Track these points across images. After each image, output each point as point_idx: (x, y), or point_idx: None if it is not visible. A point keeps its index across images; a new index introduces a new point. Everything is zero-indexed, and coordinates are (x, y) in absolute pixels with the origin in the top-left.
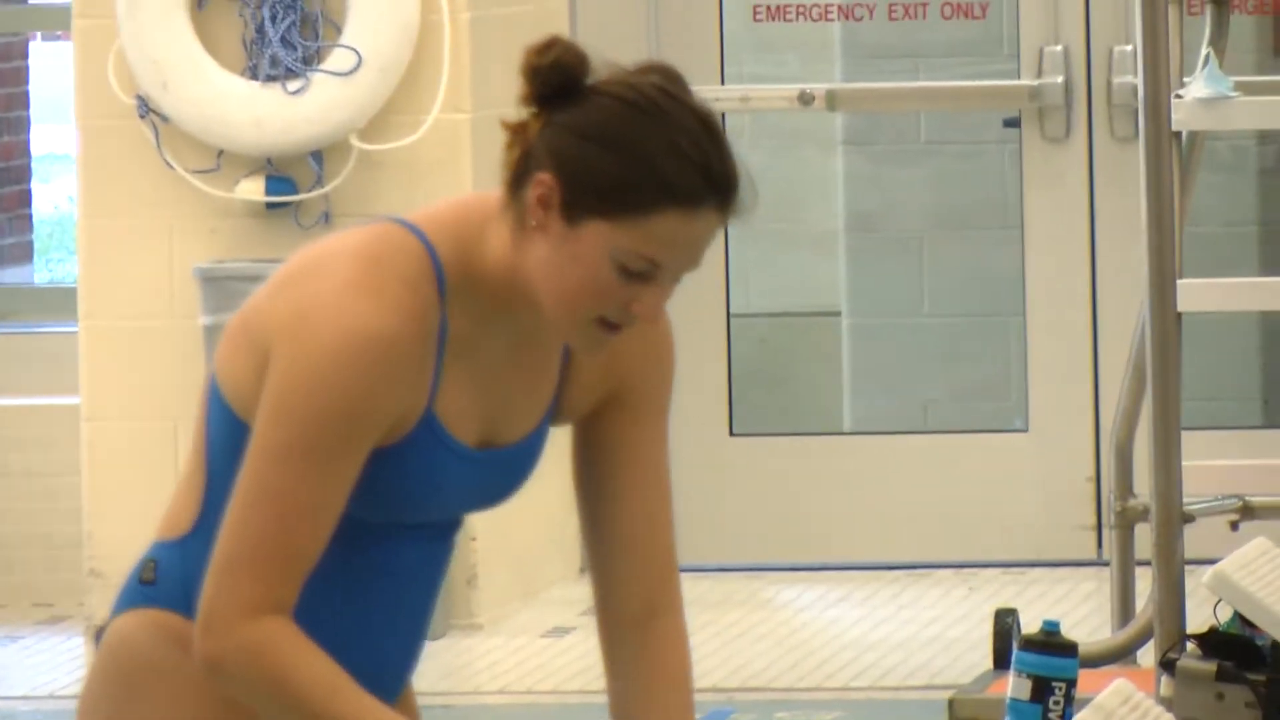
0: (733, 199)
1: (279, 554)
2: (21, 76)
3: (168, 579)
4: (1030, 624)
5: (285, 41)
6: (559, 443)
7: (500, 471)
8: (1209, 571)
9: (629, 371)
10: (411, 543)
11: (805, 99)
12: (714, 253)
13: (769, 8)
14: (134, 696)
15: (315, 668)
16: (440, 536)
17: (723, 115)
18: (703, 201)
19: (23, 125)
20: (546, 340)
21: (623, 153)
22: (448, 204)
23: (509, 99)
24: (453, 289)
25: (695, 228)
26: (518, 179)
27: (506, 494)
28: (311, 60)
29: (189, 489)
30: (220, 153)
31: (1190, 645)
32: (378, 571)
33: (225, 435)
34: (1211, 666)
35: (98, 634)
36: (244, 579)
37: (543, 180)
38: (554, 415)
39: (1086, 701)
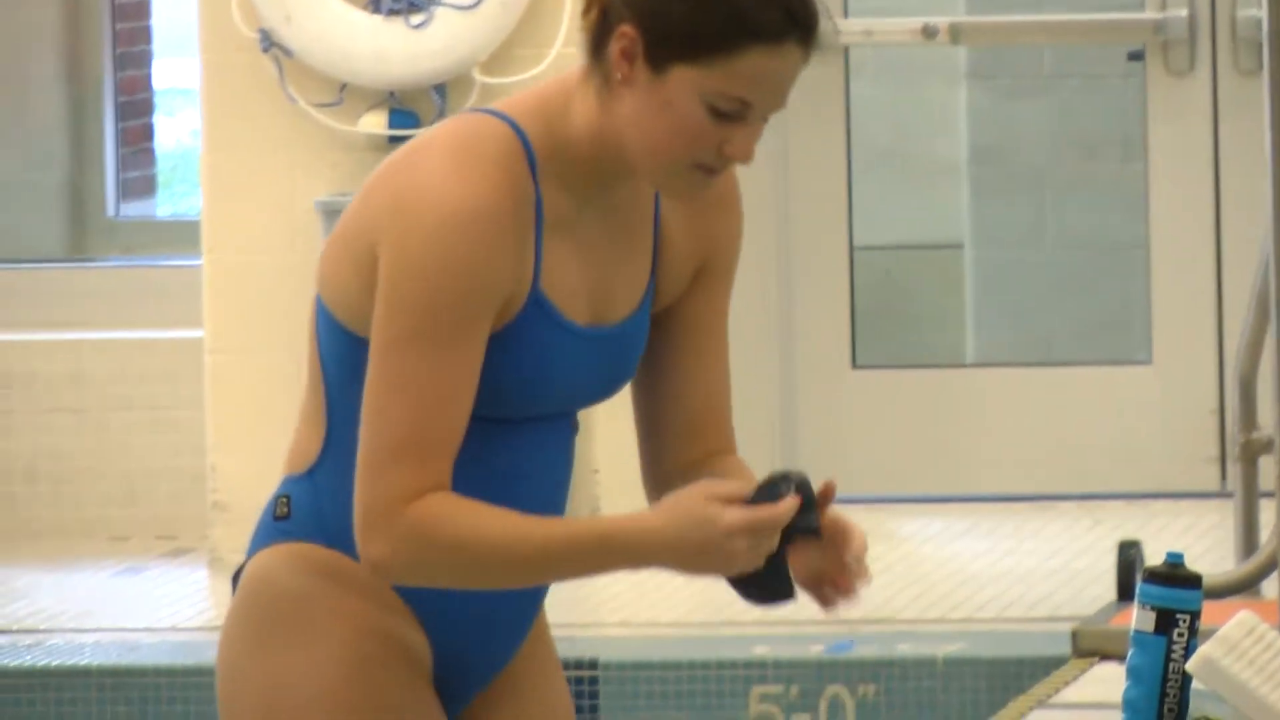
0: (814, 33)
1: (423, 439)
2: (144, 11)
3: (301, 512)
4: (1154, 556)
5: None
6: None
7: (611, 351)
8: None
9: (714, 243)
10: (533, 441)
11: (929, 32)
12: (837, 185)
13: None
14: (280, 628)
15: (490, 517)
16: (561, 433)
17: (846, 49)
18: (786, 36)
19: (146, 59)
20: (640, 215)
21: None
22: (531, 89)
23: None
24: (544, 165)
25: (781, 64)
26: (598, 40)
27: (619, 378)
28: None
29: (310, 420)
30: (343, 86)
31: None
32: (504, 476)
33: (340, 356)
34: None
35: (235, 575)
36: (392, 470)
37: (625, 33)
38: (653, 297)
39: (1210, 633)
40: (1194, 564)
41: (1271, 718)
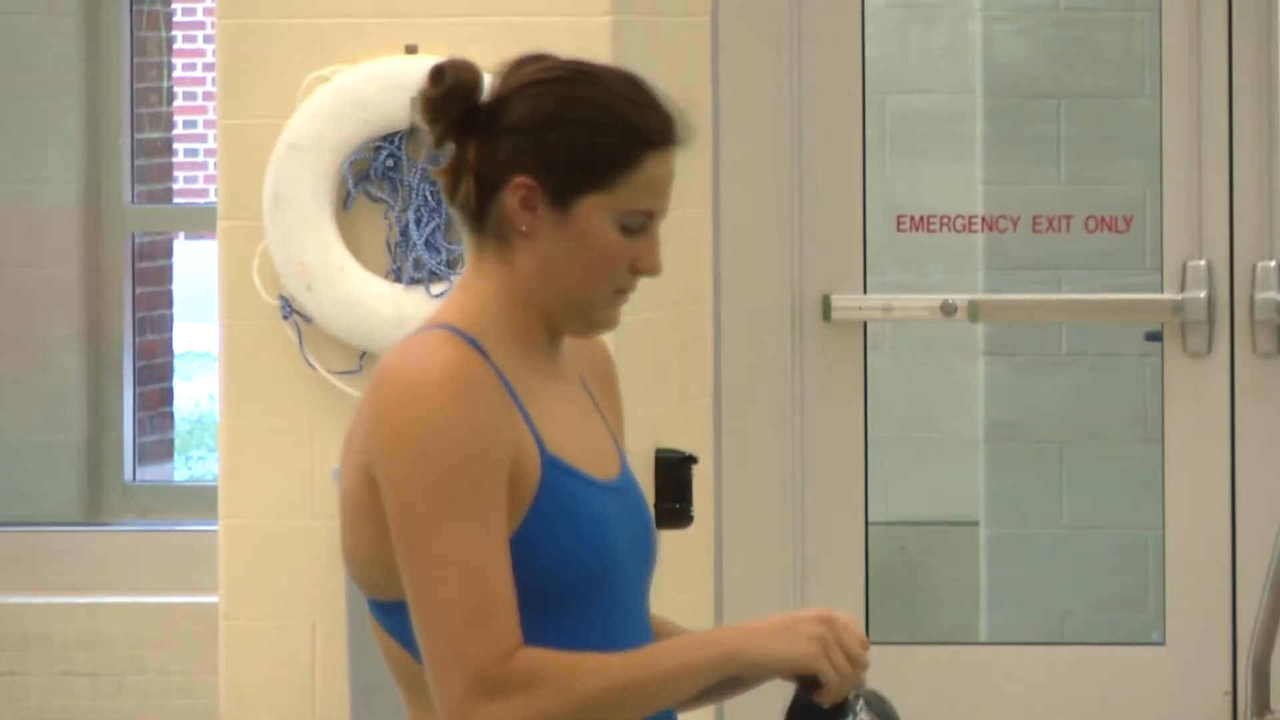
0: (681, 131)
1: (488, 605)
2: (165, 275)
3: None
4: None
5: (429, 244)
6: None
7: (632, 503)
8: None
9: (612, 391)
10: (626, 597)
11: (948, 309)
12: (854, 459)
13: (912, 218)
14: None
15: (583, 662)
16: (639, 598)
17: (864, 324)
18: (668, 138)
19: (166, 323)
20: (572, 377)
21: (587, 122)
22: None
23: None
24: (487, 346)
25: (668, 166)
26: (481, 207)
27: (650, 534)
28: (455, 263)
29: (421, 705)
30: (363, 354)
31: None
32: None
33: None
34: None
35: None
36: (471, 642)
37: (520, 184)
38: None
39: None
40: None
41: None
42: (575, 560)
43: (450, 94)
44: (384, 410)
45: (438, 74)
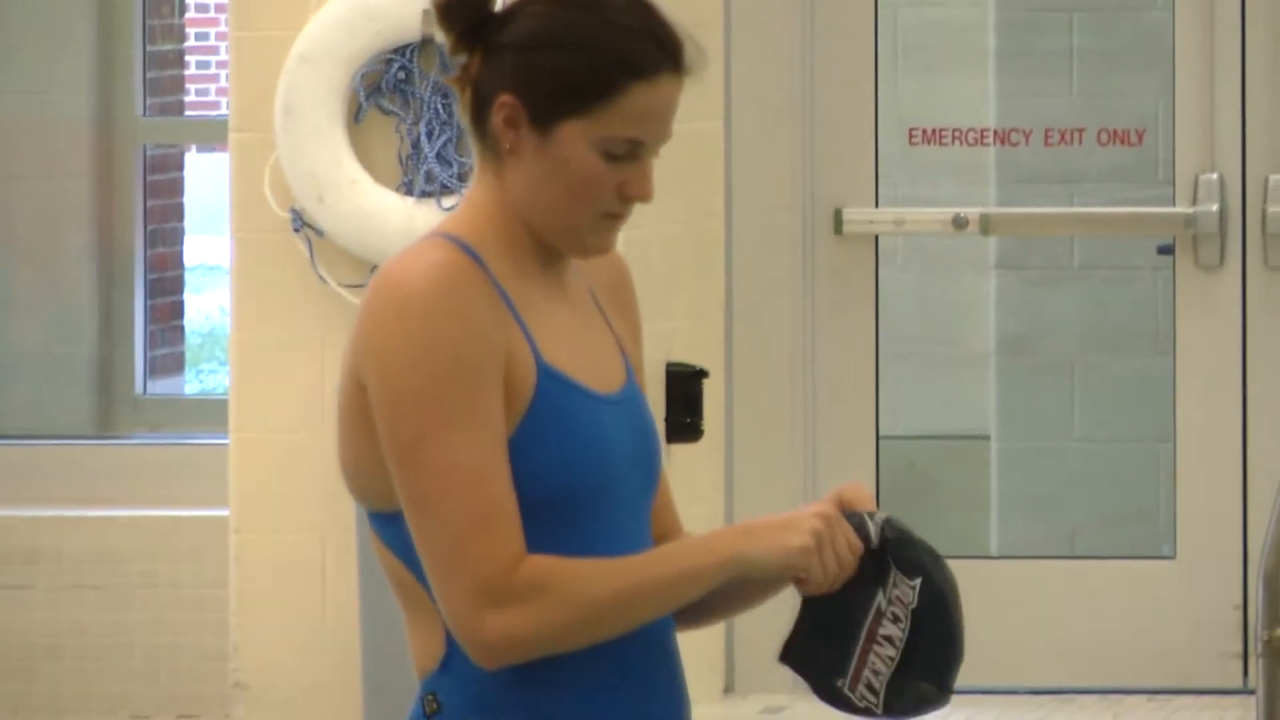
0: (684, 59)
1: (490, 513)
2: (177, 188)
3: (453, 700)
4: None
5: (440, 158)
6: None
7: (633, 416)
8: None
9: (633, 322)
10: (625, 509)
11: (959, 222)
12: (864, 374)
13: (924, 131)
14: None
15: (587, 568)
16: (639, 514)
17: (876, 238)
18: (661, 68)
19: (177, 236)
20: (583, 293)
21: (573, 47)
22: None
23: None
24: (486, 257)
25: (661, 96)
26: (478, 118)
27: (652, 449)
28: (466, 177)
29: (417, 622)
30: (374, 268)
31: None
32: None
33: (411, 541)
34: None
35: None
36: (475, 549)
37: (504, 102)
38: (630, 366)
39: None
40: None
41: None
42: (569, 471)
43: (461, 3)
44: (374, 318)
45: None
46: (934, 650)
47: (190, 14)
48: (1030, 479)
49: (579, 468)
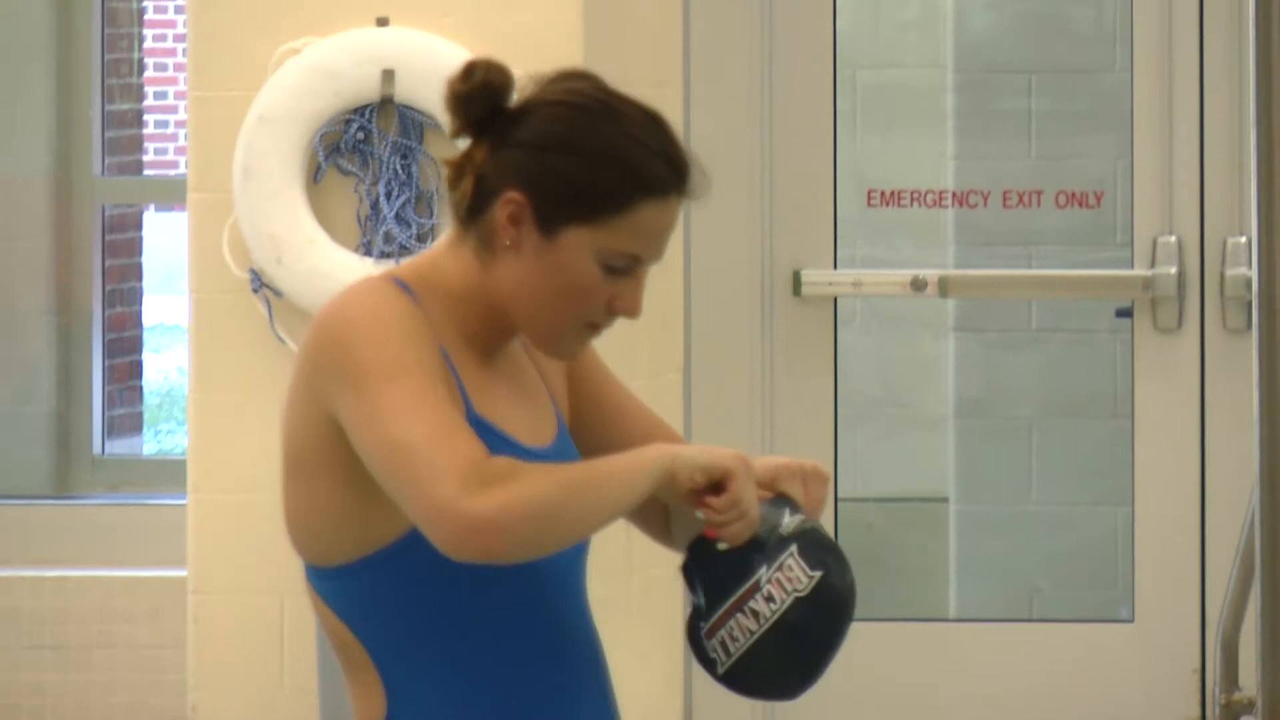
0: (691, 182)
1: (453, 429)
2: (135, 247)
3: None
4: None
5: (399, 218)
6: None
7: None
8: None
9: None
10: (559, 587)
11: (918, 284)
12: (823, 435)
13: (883, 193)
14: None
15: (542, 468)
16: (573, 579)
17: (835, 299)
18: (671, 188)
19: (136, 296)
20: (520, 356)
21: (590, 155)
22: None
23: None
24: (429, 308)
25: (667, 215)
26: (475, 207)
27: None
28: (426, 237)
29: (359, 682)
30: None
31: None
32: (535, 625)
33: (350, 597)
34: None
35: None
36: (448, 447)
37: (512, 199)
38: (564, 423)
39: None
40: None
41: None
42: None
43: (477, 92)
44: (316, 337)
45: (469, 70)
46: (807, 645)
47: (149, 73)
48: (988, 541)
49: None
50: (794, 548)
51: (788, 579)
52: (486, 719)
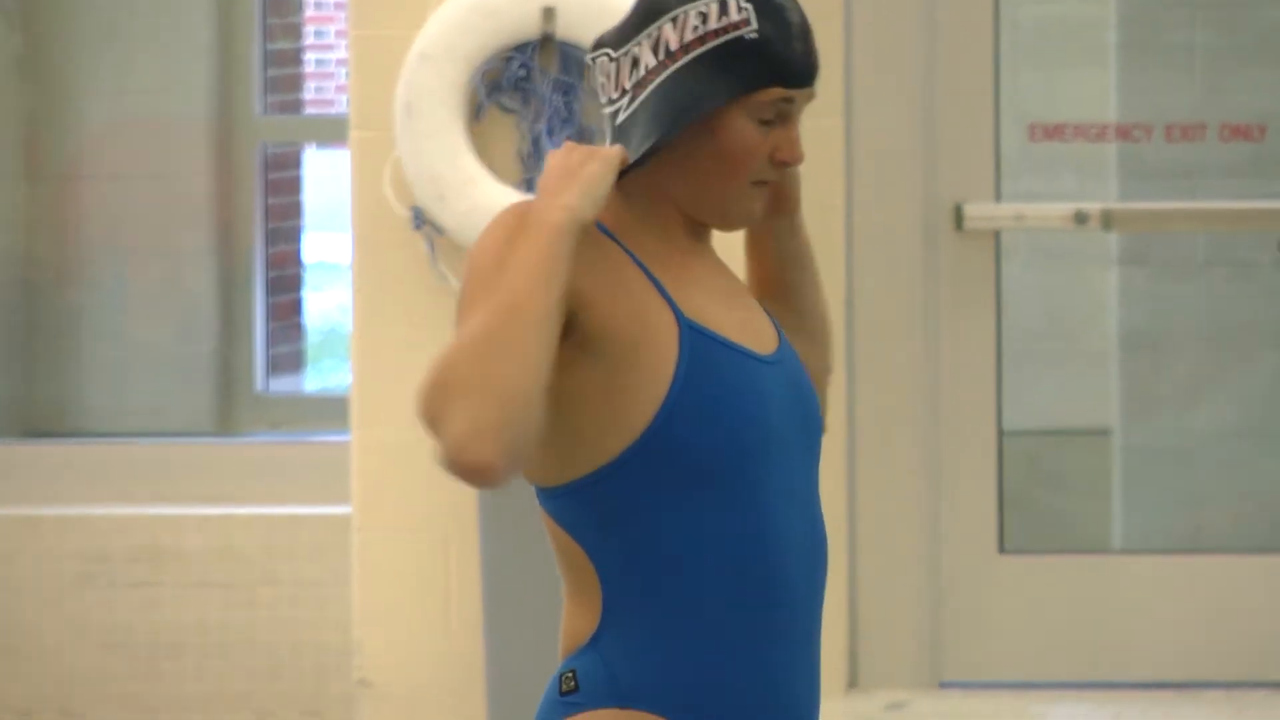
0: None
1: (485, 339)
2: (295, 185)
3: (590, 682)
4: None
5: None
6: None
7: (790, 378)
8: None
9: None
10: (791, 472)
11: (1080, 218)
12: (986, 370)
13: (1045, 127)
14: None
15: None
16: (805, 476)
17: (997, 233)
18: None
19: (296, 234)
20: (725, 269)
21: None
22: None
23: None
24: (614, 231)
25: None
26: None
27: (812, 414)
28: None
29: (577, 597)
30: None
31: None
32: (752, 557)
33: (575, 513)
34: None
35: None
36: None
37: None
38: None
39: None
40: None
41: None
42: (727, 429)
43: None
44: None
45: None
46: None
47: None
48: (1153, 474)
49: (736, 428)
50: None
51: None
52: (691, 650)
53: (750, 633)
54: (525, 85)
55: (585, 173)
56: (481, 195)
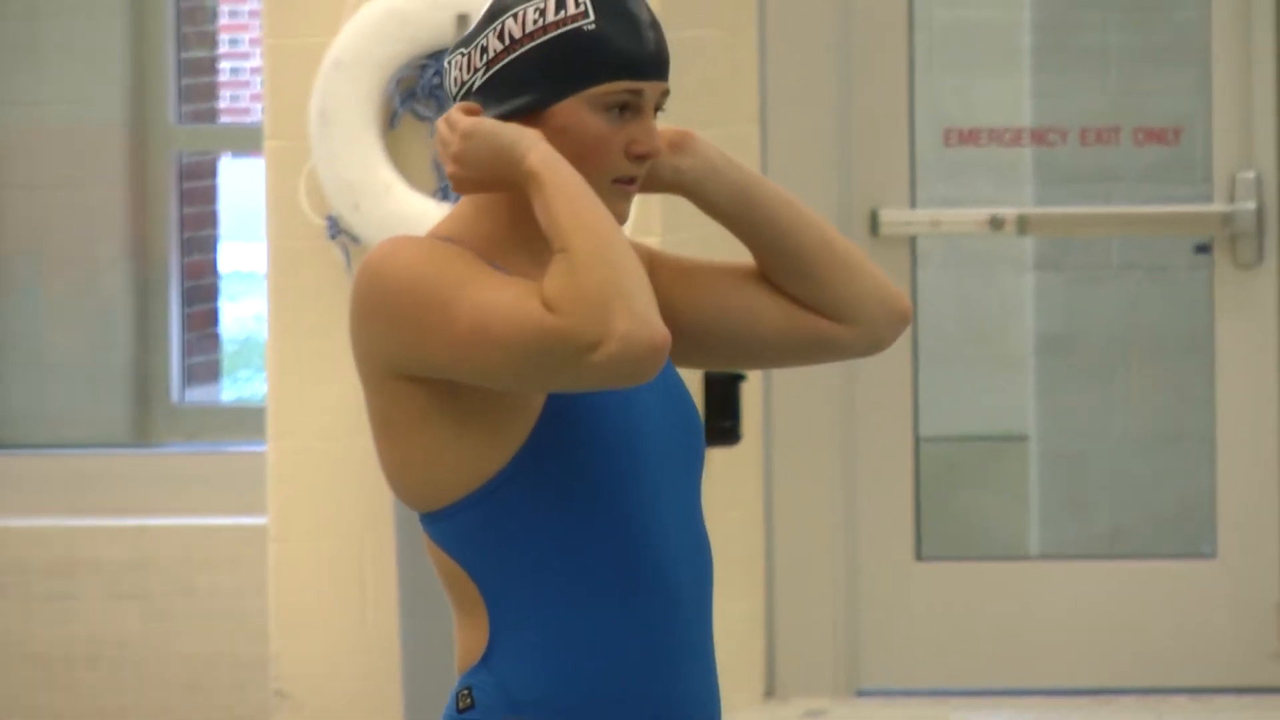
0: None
1: (515, 292)
2: (211, 195)
3: (487, 697)
4: None
5: None
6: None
7: (671, 391)
8: None
9: (652, 267)
10: (661, 497)
11: (996, 223)
12: (902, 376)
13: (960, 132)
14: None
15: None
16: (686, 492)
17: (913, 239)
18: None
19: (211, 243)
20: None
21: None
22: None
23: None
24: (484, 251)
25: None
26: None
27: (694, 420)
28: None
29: (466, 617)
30: None
31: None
32: (643, 561)
33: (459, 535)
34: None
35: None
36: (554, 320)
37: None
38: None
39: None
40: None
41: None
42: (603, 443)
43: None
44: (359, 293)
45: None
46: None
47: (223, 20)
48: (1070, 479)
49: (616, 442)
50: None
51: None
52: (580, 659)
53: (638, 642)
54: (440, 92)
55: (485, 127)
56: (396, 203)
